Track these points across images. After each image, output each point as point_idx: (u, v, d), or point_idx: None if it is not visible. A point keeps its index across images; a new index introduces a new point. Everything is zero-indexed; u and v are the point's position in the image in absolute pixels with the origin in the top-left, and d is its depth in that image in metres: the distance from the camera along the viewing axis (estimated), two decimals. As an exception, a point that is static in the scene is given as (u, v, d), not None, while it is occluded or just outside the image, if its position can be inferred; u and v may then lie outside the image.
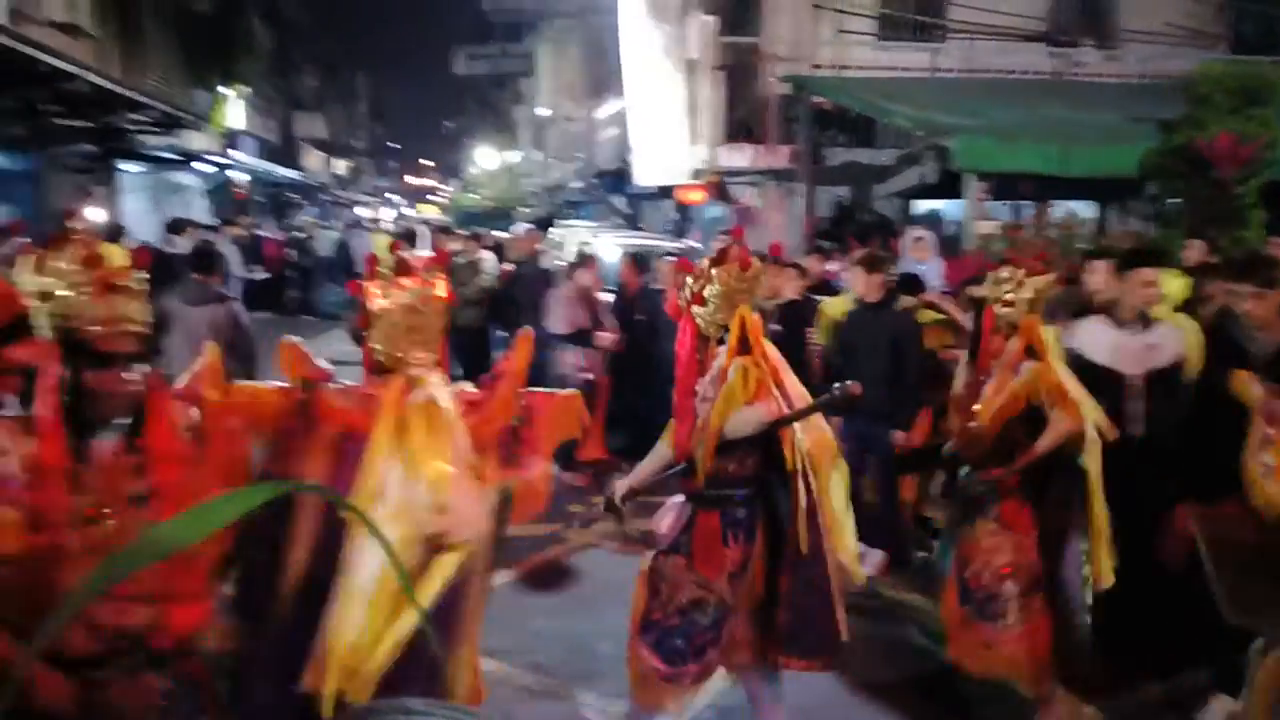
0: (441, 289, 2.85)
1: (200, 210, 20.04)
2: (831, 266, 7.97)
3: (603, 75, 18.78)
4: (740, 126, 12.55)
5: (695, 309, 3.41)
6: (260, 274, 14.87)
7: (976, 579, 3.92)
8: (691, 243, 12.83)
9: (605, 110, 17.60)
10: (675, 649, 3.39)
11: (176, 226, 11.72)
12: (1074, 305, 5.41)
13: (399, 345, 2.75)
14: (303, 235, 22.10)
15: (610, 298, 7.96)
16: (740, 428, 3.29)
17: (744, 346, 3.34)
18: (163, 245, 10.10)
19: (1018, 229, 9.03)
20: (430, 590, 2.56)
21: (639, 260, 7.87)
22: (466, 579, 2.71)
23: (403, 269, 2.79)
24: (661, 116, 12.47)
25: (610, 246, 11.77)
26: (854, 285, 5.79)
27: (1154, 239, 8.40)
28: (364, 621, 2.50)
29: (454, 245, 9.87)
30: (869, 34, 12.87)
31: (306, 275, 18.93)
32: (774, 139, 12.30)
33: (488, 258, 10.28)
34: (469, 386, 2.93)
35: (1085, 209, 9.68)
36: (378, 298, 2.80)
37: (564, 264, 10.63)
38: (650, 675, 3.41)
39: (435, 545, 2.61)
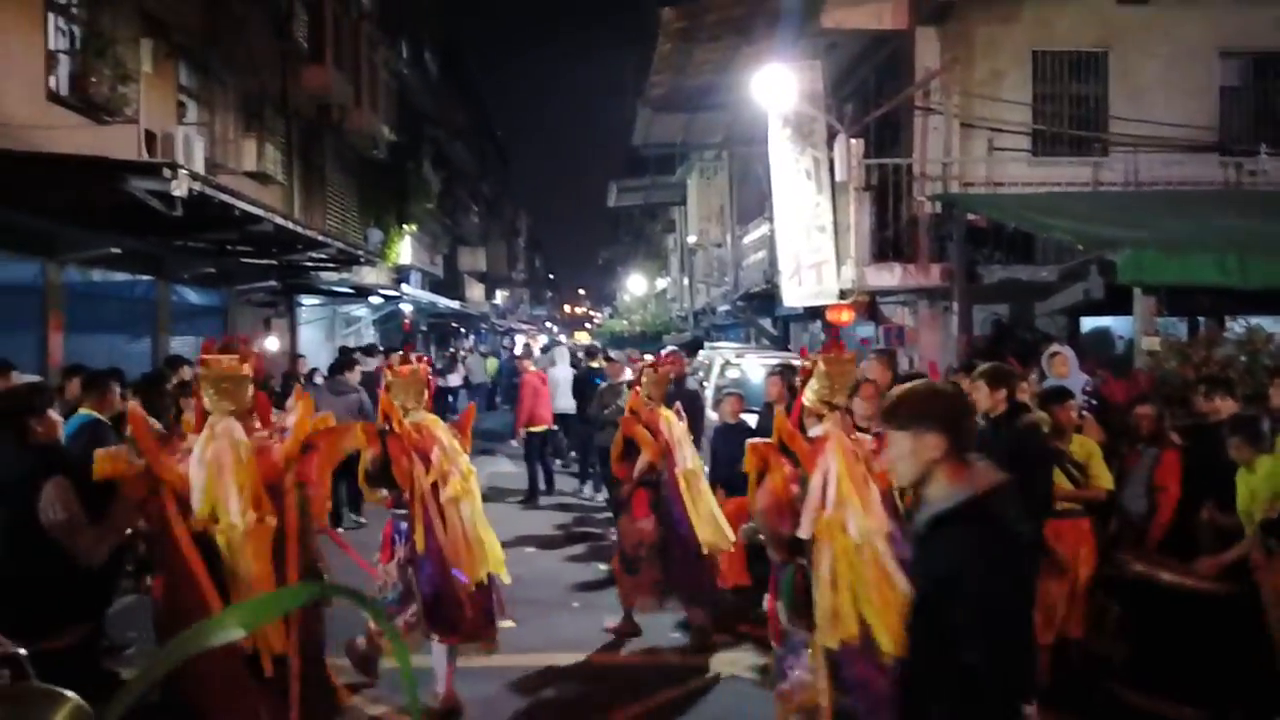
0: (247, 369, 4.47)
1: (369, 339, 21.17)
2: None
3: (749, 200, 19.08)
4: (889, 246, 12.44)
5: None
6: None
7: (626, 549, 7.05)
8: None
9: (752, 234, 17.79)
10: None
11: (347, 352, 12.47)
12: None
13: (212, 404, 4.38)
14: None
15: (753, 418, 8.06)
16: None
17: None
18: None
19: (1192, 345, 8.47)
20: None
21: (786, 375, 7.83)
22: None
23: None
24: (808, 238, 12.50)
25: (756, 367, 11.76)
26: (977, 401, 5.72)
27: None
28: None
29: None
30: (1023, 150, 12.67)
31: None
32: (925, 257, 12.12)
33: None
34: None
35: (1270, 324, 9.01)
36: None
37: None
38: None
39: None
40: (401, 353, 6.02)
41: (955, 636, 2.50)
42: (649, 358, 14.09)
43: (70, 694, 2.55)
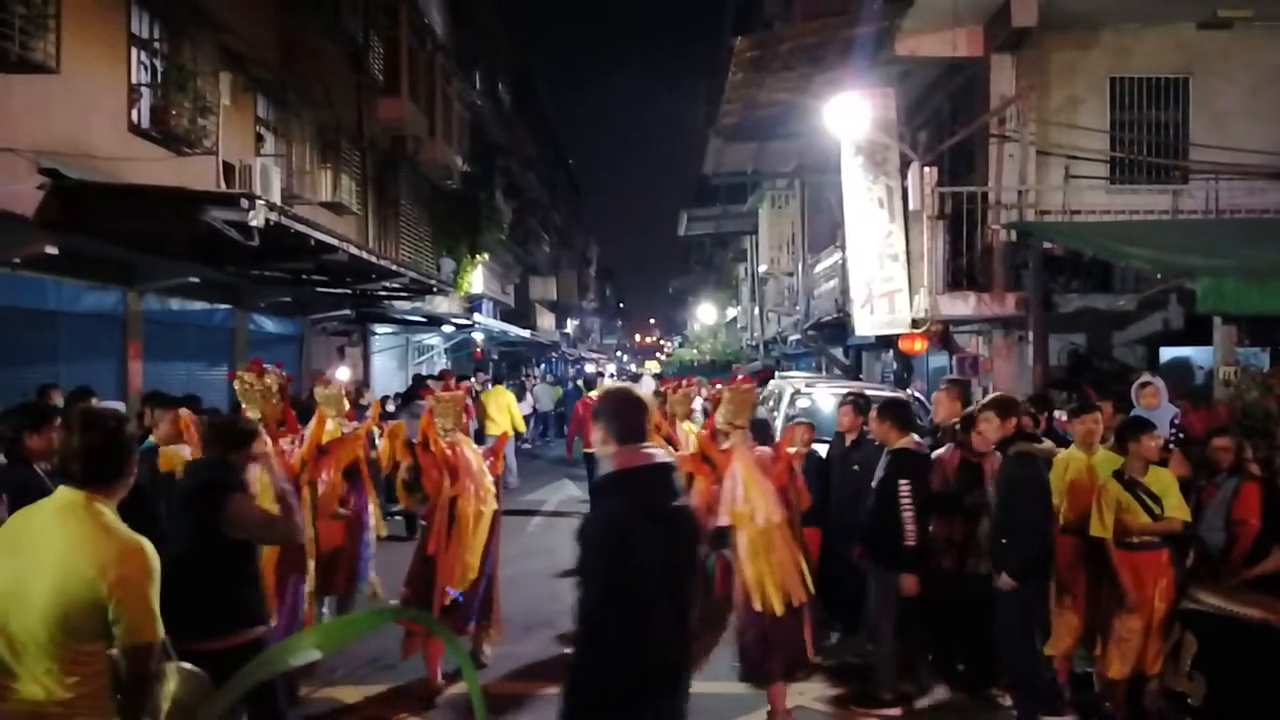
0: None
1: (441, 367, 21.43)
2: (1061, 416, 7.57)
3: (821, 229, 18.96)
4: (963, 274, 12.21)
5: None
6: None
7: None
8: (914, 393, 12.42)
9: (823, 263, 17.66)
10: None
11: (420, 380, 12.72)
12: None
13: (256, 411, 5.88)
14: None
15: (824, 447, 7.95)
16: None
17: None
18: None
19: (1274, 375, 8.12)
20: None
21: (859, 405, 7.67)
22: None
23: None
24: (881, 267, 12.35)
25: (827, 397, 11.62)
26: (987, 431, 6.04)
27: None
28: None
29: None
30: (1101, 178, 12.39)
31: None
32: (1000, 286, 11.87)
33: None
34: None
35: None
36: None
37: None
38: None
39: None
40: (443, 379, 7.08)
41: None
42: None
43: (185, 664, 2.85)
